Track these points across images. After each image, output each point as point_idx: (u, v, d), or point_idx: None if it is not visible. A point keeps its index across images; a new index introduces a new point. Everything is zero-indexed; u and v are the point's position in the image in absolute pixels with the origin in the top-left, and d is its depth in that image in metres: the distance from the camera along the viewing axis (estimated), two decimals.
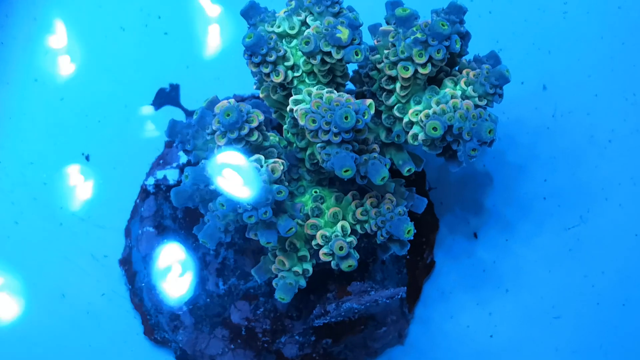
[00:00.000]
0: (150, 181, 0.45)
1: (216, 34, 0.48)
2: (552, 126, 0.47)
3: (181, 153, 0.45)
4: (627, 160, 0.47)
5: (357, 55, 0.37)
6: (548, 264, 0.45)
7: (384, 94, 0.40)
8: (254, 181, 0.35)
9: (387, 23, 0.41)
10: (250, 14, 0.39)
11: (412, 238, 0.39)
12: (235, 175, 0.36)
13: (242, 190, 0.35)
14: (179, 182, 0.44)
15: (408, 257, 0.44)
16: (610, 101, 0.48)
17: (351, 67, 0.41)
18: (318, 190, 0.40)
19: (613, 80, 0.48)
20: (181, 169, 0.44)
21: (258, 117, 0.37)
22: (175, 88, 0.45)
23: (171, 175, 0.45)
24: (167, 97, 0.45)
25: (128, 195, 0.46)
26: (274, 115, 0.41)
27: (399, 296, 0.40)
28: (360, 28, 0.38)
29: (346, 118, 0.35)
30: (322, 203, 0.40)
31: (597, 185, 0.46)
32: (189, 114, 0.46)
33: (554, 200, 0.46)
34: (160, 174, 0.45)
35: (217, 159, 0.36)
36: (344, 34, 0.37)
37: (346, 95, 0.36)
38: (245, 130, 0.37)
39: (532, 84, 0.47)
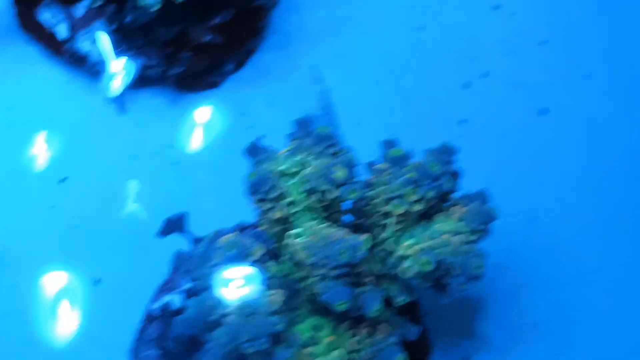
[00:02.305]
0: (156, 305, 0.47)
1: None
2: (541, 255, 0.50)
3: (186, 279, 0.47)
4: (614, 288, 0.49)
5: (352, 193, 0.40)
6: None
7: (379, 227, 0.42)
8: (254, 312, 0.37)
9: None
10: (254, 152, 0.41)
11: None
12: (236, 305, 0.38)
13: (242, 320, 0.38)
14: (183, 308, 0.46)
15: None
16: (598, 232, 0.50)
17: None
18: (315, 319, 0.42)
19: (603, 213, 0.51)
20: (187, 293, 0.47)
21: (259, 251, 0.40)
22: (182, 217, 0.48)
23: (177, 299, 0.47)
24: (174, 225, 0.47)
25: (133, 318, 0.48)
26: (274, 246, 0.43)
27: None
28: (356, 167, 0.41)
29: (342, 253, 0.38)
30: (319, 331, 0.42)
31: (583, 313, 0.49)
32: (196, 240, 0.48)
33: (544, 327, 0.48)
34: (166, 298, 0.47)
35: (219, 289, 0.39)
36: (340, 173, 0.40)
37: (343, 231, 0.39)
38: (247, 262, 0.39)
39: (522, 216, 0.50)
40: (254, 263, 0.39)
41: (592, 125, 0.52)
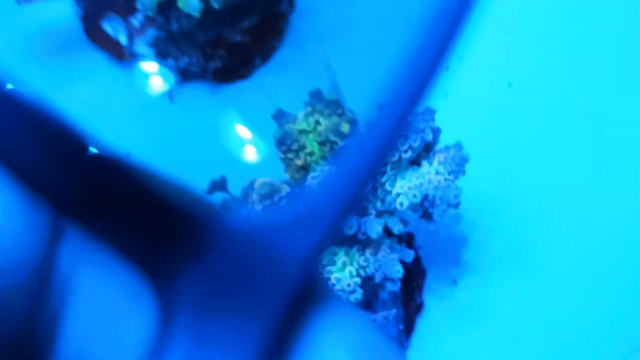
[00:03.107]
0: None
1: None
2: (512, 199, 0.61)
3: None
4: (577, 225, 0.61)
5: None
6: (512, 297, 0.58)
7: (379, 173, 0.54)
8: None
9: None
10: (278, 117, 0.53)
11: (401, 277, 0.52)
12: None
13: None
14: None
15: (403, 298, 0.57)
16: (559, 174, 0.62)
17: None
18: (332, 248, 0.54)
19: (561, 155, 0.62)
20: None
21: (285, 188, 0.52)
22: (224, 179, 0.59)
23: None
24: (218, 186, 0.59)
25: None
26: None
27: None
28: (358, 123, 0.53)
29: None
30: (335, 256, 0.53)
31: (550, 245, 0.60)
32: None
33: (517, 255, 0.59)
34: None
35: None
36: (345, 127, 0.52)
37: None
38: (276, 198, 0.51)
39: (495, 164, 0.62)
40: (281, 198, 0.50)
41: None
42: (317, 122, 0.52)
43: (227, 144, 0.62)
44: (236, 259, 0.15)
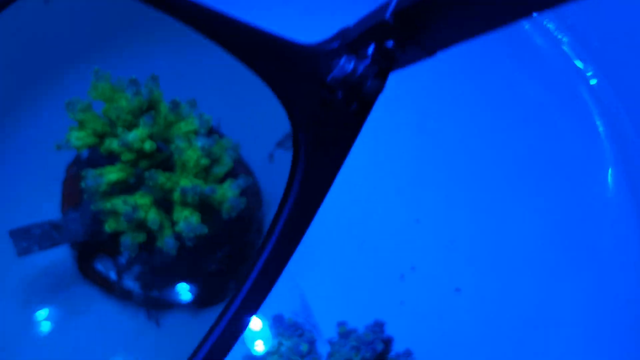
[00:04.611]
0: None
1: None
2: None
3: None
4: None
5: None
6: None
7: None
8: None
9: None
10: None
11: None
12: None
13: None
14: None
15: None
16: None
17: None
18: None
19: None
20: None
21: None
22: None
23: None
24: None
25: None
26: None
27: None
28: (316, 342, 0.60)
29: None
30: None
31: None
32: None
33: None
34: None
35: None
36: (304, 347, 0.59)
37: None
38: None
39: None
40: None
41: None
42: (280, 343, 0.59)
43: None
44: None
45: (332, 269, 0.73)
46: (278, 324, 0.59)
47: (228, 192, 0.66)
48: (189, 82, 0.75)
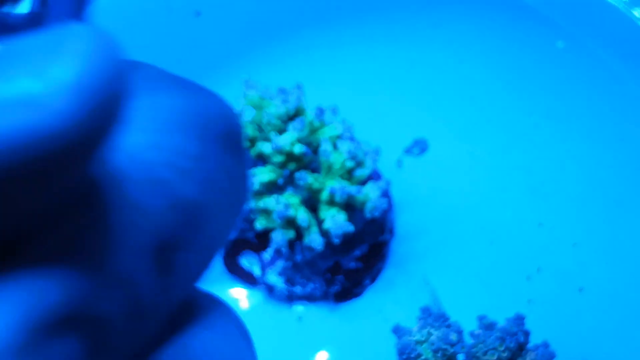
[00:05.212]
0: None
1: None
2: None
3: None
4: None
5: (462, 348, 0.63)
6: None
7: None
8: None
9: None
10: (397, 330, 0.65)
11: None
12: None
13: None
14: None
15: None
16: None
17: None
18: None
19: None
20: None
21: None
22: None
23: None
24: None
25: None
26: None
27: None
28: (463, 333, 0.64)
29: None
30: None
31: None
32: None
33: None
34: None
35: None
36: (453, 337, 0.63)
37: None
38: None
39: None
40: None
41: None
42: (429, 333, 0.63)
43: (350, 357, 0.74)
44: None
45: (463, 269, 0.78)
46: (426, 315, 0.63)
47: (371, 193, 0.70)
48: (322, 90, 0.81)
